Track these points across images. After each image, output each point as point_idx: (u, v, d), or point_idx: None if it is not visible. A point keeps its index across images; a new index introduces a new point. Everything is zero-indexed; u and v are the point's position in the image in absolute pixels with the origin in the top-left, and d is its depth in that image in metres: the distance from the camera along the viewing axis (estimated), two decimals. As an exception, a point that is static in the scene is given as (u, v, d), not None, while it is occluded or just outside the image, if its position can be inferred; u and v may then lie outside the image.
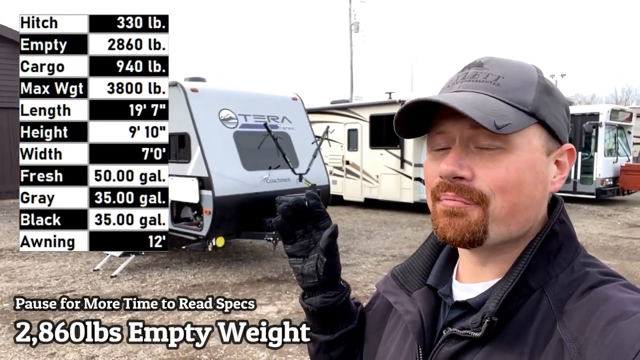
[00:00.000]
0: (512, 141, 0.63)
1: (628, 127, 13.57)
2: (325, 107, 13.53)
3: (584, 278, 0.63)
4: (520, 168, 0.63)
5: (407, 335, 0.77)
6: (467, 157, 0.64)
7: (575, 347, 0.56)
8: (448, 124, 0.66)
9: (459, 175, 0.64)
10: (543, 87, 0.67)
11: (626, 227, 9.81)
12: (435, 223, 0.68)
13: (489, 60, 0.69)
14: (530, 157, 0.64)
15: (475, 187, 0.63)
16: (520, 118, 0.63)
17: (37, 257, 7.42)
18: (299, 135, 7.44)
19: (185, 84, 6.47)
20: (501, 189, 0.63)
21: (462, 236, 0.64)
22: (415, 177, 11.44)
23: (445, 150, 0.67)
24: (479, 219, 0.64)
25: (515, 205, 0.64)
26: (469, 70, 0.69)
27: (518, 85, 0.65)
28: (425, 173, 0.71)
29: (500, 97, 0.64)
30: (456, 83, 0.68)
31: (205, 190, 6.18)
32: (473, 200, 0.63)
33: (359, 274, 6.42)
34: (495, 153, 0.63)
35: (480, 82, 0.66)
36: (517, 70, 0.67)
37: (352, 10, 23.06)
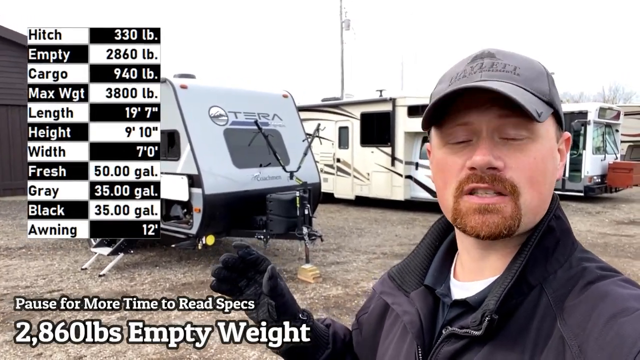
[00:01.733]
0: (537, 130, 0.63)
1: (616, 125, 13.73)
2: (316, 104, 13.50)
3: (582, 273, 0.63)
4: (545, 157, 0.64)
5: (405, 335, 0.76)
6: (495, 147, 0.63)
7: (576, 344, 0.55)
8: (473, 115, 0.64)
9: (493, 165, 0.62)
10: (551, 78, 0.67)
11: (614, 224, 9.92)
12: (462, 222, 0.65)
13: (498, 51, 0.68)
14: (550, 145, 0.65)
15: (507, 177, 0.62)
16: (544, 107, 0.63)
17: (24, 256, 7.32)
18: (289, 132, 7.41)
19: (175, 81, 6.40)
20: (531, 179, 0.63)
21: (499, 232, 0.63)
22: (406, 175, 11.47)
23: (466, 143, 0.65)
24: (513, 213, 0.63)
25: (543, 195, 0.64)
26: (483, 60, 0.66)
27: (534, 75, 0.65)
28: (444, 167, 0.67)
29: (525, 87, 0.63)
30: (474, 73, 0.65)
31: (195, 188, 6.12)
32: (506, 189, 0.62)
33: (350, 271, 6.41)
34: (523, 143, 0.63)
35: (501, 71, 0.65)
36: (527, 62, 0.67)
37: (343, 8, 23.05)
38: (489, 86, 0.60)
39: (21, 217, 10.87)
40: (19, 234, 9.01)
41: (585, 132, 12.57)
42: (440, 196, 0.70)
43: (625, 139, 16.91)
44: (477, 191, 0.64)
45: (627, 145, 18.01)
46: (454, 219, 0.67)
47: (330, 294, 5.49)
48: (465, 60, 0.69)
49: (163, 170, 6.55)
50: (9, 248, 7.87)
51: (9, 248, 7.87)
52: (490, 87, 0.60)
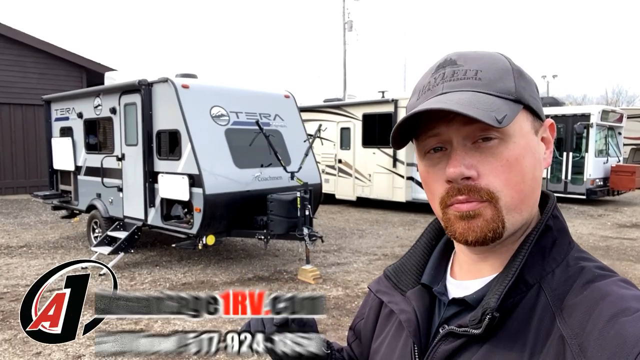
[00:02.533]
0: (507, 131, 0.63)
1: (618, 128, 13.68)
2: (318, 105, 13.49)
3: (580, 273, 0.63)
4: (519, 155, 0.64)
5: (399, 334, 0.77)
6: (467, 155, 0.64)
7: (576, 344, 0.55)
8: (441, 127, 0.65)
9: (466, 175, 0.63)
10: (517, 72, 0.67)
11: (616, 227, 9.89)
12: (452, 230, 0.67)
13: (460, 56, 0.68)
14: (525, 141, 0.65)
15: (482, 185, 0.63)
16: (510, 107, 0.63)
17: (25, 255, 7.32)
18: (291, 133, 7.39)
19: (176, 80, 6.39)
20: (507, 182, 0.63)
21: (484, 236, 0.64)
22: (407, 176, 11.45)
23: (441, 151, 0.67)
24: (494, 215, 0.64)
25: (523, 192, 0.65)
26: (445, 69, 0.67)
27: (497, 75, 0.65)
28: (427, 181, 0.70)
29: (487, 91, 0.64)
30: (437, 85, 0.67)
31: (195, 188, 6.11)
32: (482, 198, 0.63)
33: (350, 272, 6.40)
34: (493, 146, 0.63)
35: (460, 79, 0.65)
36: (491, 61, 0.67)
37: (346, 9, 23.06)
38: (441, 107, 0.61)
39: (22, 216, 10.89)
40: (19, 233, 9.01)
41: (587, 134, 12.54)
42: (431, 205, 0.72)
43: (628, 142, 16.87)
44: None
45: (630, 148, 17.97)
46: (445, 227, 0.69)
47: (330, 295, 5.47)
48: (430, 70, 0.70)
49: (164, 169, 6.56)
50: (9, 246, 7.87)
51: (9, 246, 7.87)
52: (442, 108, 0.61)
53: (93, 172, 7.81)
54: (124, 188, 7.18)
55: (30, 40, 14.37)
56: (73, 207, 8.67)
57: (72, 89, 11.10)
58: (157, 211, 6.67)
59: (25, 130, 14.56)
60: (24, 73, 14.34)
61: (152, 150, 6.68)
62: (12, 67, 14.11)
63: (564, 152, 12.88)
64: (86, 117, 7.96)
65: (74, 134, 8.30)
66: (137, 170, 6.87)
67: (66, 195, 8.86)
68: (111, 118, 7.33)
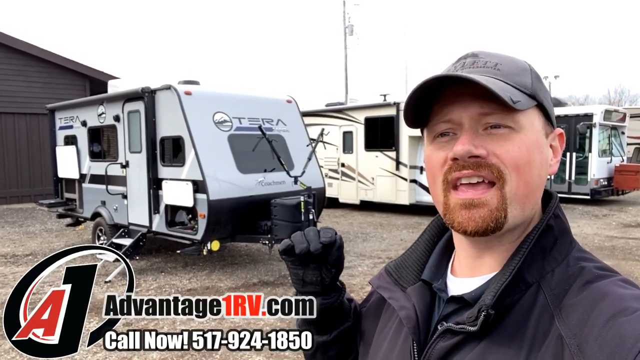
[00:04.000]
0: (520, 121, 0.64)
1: (622, 128, 13.64)
2: (320, 109, 13.52)
3: (580, 273, 0.63)
4: (530, 147, 0.64)
5: (400, 330, 0.77)
6: (478, 138, 0.64)
7: (575, 343, 0.55)
8: (455, 110, 0.65)
9: (474, 154, 0.63)
10: (535, 74, 0.69)
11: (621, 227, 9.84)
12: (450, 218, 0.67)
13: (481, 52, 0.70)
14: (535, 137, 0.65)
15: (493, 162, 0.63)
16: (525, 98, 0.64)
17: (30, 263, 7.35)
18: (293, 137, 7.41)
19: (179, 87, 6.43)
20: (516, 167, 0.63)
21: (486, 226, 0.63)
22: (410, 179, 11.44)
23: (451, 136, 0.66)
24: (499, 204, 0.63)
25: (529, 185, 0.64)
26: (466, 59, 0.69)
27: (515, 70, 0.67)
28: (429, 163, 0.69)
29: (505, 80, 0.65)
30: (456, 71, 0.68)
31: (199, 194, 6.13)
32: (493, 174, 0.63)
33: (355, 276, 6.39)
34: (505, 133, 0.64)
35: (480, 67, 0.67)
36: (510, 59, 0.69)
37: (347, 13, 23.14)
38: (461, 75, 0.61)
39: (27, 225, 10.93)
40: (25, 241, 9.05)
41: (591, 134, 12.50)
42: (431, 192, 0.71)
43: (632, 142, 16.80)
44: (462, 181, 0.65)
45: (634, 147, 17.90)
46: (444, 214, 0.68)
47: (335, 298, 5.46)
48: (452, 62, 0.72)
49: (168, 176, 6.59)
50: (15, 255, 7.91)
51: (15, 255, 7.91)
52: (462, 76, 0.61)
53: (97, 180, 7.85)
54: (129, 195, 7.21)
55: (33, 50, 14.48)
56: (78, 215, 8.71)
57: (76, 97, 11.17)
58: (162, 218, 6.69)
59: (30, 140, 14.63)
60: (27, 82, 14.43)
61: (156, 157, 6.72)
62: (16, 76, 14.20)
63: (568, 153, 12.82)
64: (90, 125, 8.01)
65: (78, 142, 8.34)
66: (141, 177, 6.90)
67: (71, 203, 8.90)
68: (115, 126, 7.37)
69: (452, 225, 0.67)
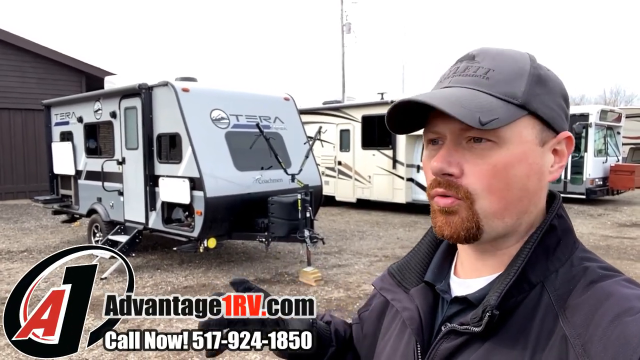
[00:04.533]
0: (502, 135, 0.63)
1: (617, 128, 13.71)
2: (318, 107, 13.51)
3: (584, 273, 0.63)
4: (509, 163, 0.63)
5: (403, 332, 0.77)
6: (457, 153, 0.65)
7: (579, 343, 0.55)
8: (438, 122, 0.66)
9: (447, 172, 0.65)
10: (536, 77, 0.66)
11: (616, 226, 9.90)
12: (433, 221, 0.69)
13: (481, 52, 0.68)
14: (522, 149, 0.64)
15: (463, 184, 0.64)
16: (509, 111, 0.62)
17: (26, 260, 7.33)
18: (291, 135, 7.41)
19: (177, 84, 6.40)
20: (488, 187, 0.63)
21: (458, 233, 0.65)
22: (407, 178, 11.46)
23: (439, 145, 0.68)
24: (468, 216, 0.64)
25: (505, 199, 0.64)
26: (461, 64, 0.69)
27: (508, 77, 0.65)
28: (425, 167, 0.72)
29: (489, 91, 0.64)
30: (447, 78, 0.69)
31: (196, 191, 6.12)
32: (459, 195, 0.64)
33: (351, 274, 6.41)
34: (486, 148, 0.63)
35: (469, 76, 0.66)
36: (509, 62, 0.66)
37: (344, 11, 23.10)
38: (421, 100, 0.62)
39: (22, 221, 10.89)
40: (20, 237, 9.02)
41: (586, 134, 12.55)
42: None
43: (627, 142, 16.89)
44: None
45: (629, 147, 17.99)
46: (431, 218, 0.70)
47: (332, 296, 5.48)
48: (454, 61, 0.72)
49: (165, 173, 6.57)
50: (10, 251, 7.87)
51: (10, 251, 7.87)
52: (422, 101, 0.61)
53: (93, 176, 7.82)
54: (125, 192, 7.19)
55: (29, 45, 14.39)
56: (73, 212, 8.67)
57: (72, 93, 11.11)
58: (158, 215, 6.67)
59: (25, 135, 14.56)
60: (23, 78, 14.35)
61: (152, 154, 6.69)
62: (11, 72, 14.11)
63: (564, 152, 12.87)
64: (86, 122, 7.97)
65: (74, 138, 8.31)
66: (137, 174, 6.89)
67: (67, 199, 8.86)
68: (111, 122, 7.34)
69: (434, 229, 0.69)
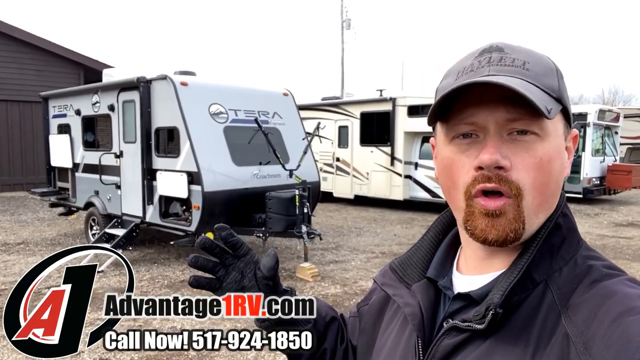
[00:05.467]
0: (546, 128, 0.62)
1: (615, 127, 13.73)
2: (316, 103, 13.49)
3: (588, 271, 0.63)
4: (552, 156, 0.63)
5: (404, 328, 0.76)
6: (503, 145, 0.62)
7: (581, 342, 0.55)
8: (480, 113, 0.63)
9: (501, 164, 0.61)
10: (560, 74, 0.66)
11: (612, 226, 9.93)
12: (472, 225, 0.65)
13: (506, 45, 0.67)
14: (558, 143, 0.64)
15: (513, 178, 0.62)
16: (553, 104, 0.62)
17: (22, 252, 7.31)
18: (289, 131, 7.40)
19: (175, 78, 6.38)
20: (534, 181, 0.62)
21: (506, 236, 0.63)
22: (405, 175, 11.47)
23: (473, 138, 0.64)
24: (516, 215, 0.63)
25: (545, 194, 0.64)
26: (491, 54, 0.65)
27: (543, 71, 0.64)
28: (451, 167, 0.66)
29: (534, 82, 0.62)
30: (482, 67, 0.64)
31: (194, 185, 6.11)
32: (511, 190, 0.62)
33: (348, 270, 6.42)
34: (530, 141, 0.62)
35: (509, 66, 0.63)
36: (536, 57, 0.66)
37: (344, 7, 23.03)
38: (499, 81, 0.58)
39: (19, 213, 10.86)
40: (17, 230, 8.99)
41: (584, 134, 12.57)
42: (449, 195, 0.69)
43: (625, 142, 16.92)
44: (484, 192, 0.63)
45: (627, 147, 18.02)
46: (465, 220, 0.66)
47: (328, 292, 5.49)
48: (473, 53, 0.67)
49: (162, 167, 6.56)
50: (7, 243, 7.85)
51: (7, 243, 7.85)
52: (501, 83, 0.58)
53: (91, 169, 7.80)
54: (122, 185, 7.17)
55: (27, 37, 14.31)
56: (71, 204, 8.65)
57: (70, 86, 11.06)
58: (156, 208, 6.66)
59: (23, 128, 14.50)
60: (21, 70, 14.27)
61: (150, 148, 6.68)
62: (9, 64, 14.03)
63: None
64: (84, 114, 7.94)
65: (71, 131, 8.28)
66: (135, 168, 6.87)
67: (64, 192, 8.84)
68: (109, 115, 7.31)
69: (473, 233, 0.65)
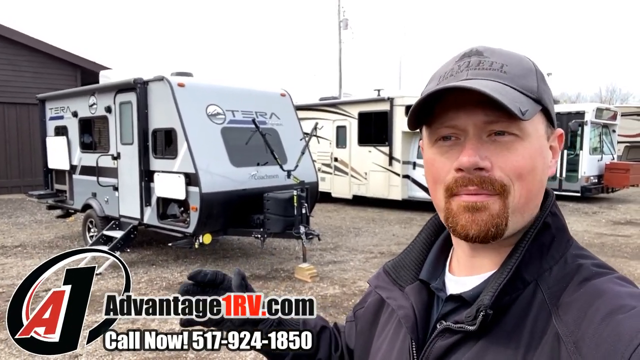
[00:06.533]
0: (525, 128, 0.63)
1: (613, 126, 13.77)
2: (314, 103, 13.49)
3: (577, 270, 0.63)
4: (533, 154, 0.64)
5: (399, 330, 0.77)
6: (482, 147, 0.63)
7: (571, 341, 0.56)
8: (460, 116, 0.64)
9: (480, 166, 0.62)
10: (540, 74, 0.67)
11: (610, 224, 9.95)
12: (454, 221, 0.66)
13: (486, 49, 0.68)
14: (539, 143, 0.65)
15: (496, 177, 0.63)
16: (531, 105, 0.63)
17: (20, 255, 7.29)
18: (287, 131, 7.39)
19: (172, 79, 6.37)
20: (519, 177, 0.63)
21: (487, 231, 0.63)
22: (403, 175, 11.47)
23: (453, 141, 0.65)
24: (500, 211, 0.63)
25: (531, 192, 0.64)
26: (470, 58, 0.67)
27: (522, 72, 0.65)
28: (432, 168, 0.68)
29: (511, 84, 0.63)
30: (461, 72, 0.66)
31: (192, 187, 6.10)
32: (495, 190, 0.63)
33: (347, 270, 6.41)
34: (510, 141, 0.63)
35: (487, 69, 0.65)
36: (516, 58, 0.67)
37: (342, 7, 23.05)
38: (469, 86, 0.60)
39: (17, 216, 10.82)
40: (14, 232, 8.96)
41: (582, 132, 12.60)
42: (433, 196, 0.70)
43: (622, 140, 16.97)
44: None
45: (624, 145, 18.07)
46: (445, 218, 0.68)
47: (327, 293, 5.48)
48: (454, 58, 0.69)
49: (160, 168, 6.54)
50: (4, 246, 7.83)
51: (4, 246, 7.83)
52: (471, 87, 0.60)
53: (88, 171, 7.78)
54: (120, 187, 7.16)
55: (24, 39, 14.27)
56: (68, 207, 8.63)
57: (67, 87, 11.03)
58: (153, 210, 6.65)
59: (20, 130, 14.46)
60: (18, 72, 14.23)
61: (147, 149, 6.66)
62: (6, 66, 14.00)
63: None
64: (81, 116, 7.92)
65: (68, 133, 8.25)
66: (132, 169, 6.85)
67: (61, 194, 8.81)
68: (106, 117, 7.29)
69: (454, 229, 0.66)
